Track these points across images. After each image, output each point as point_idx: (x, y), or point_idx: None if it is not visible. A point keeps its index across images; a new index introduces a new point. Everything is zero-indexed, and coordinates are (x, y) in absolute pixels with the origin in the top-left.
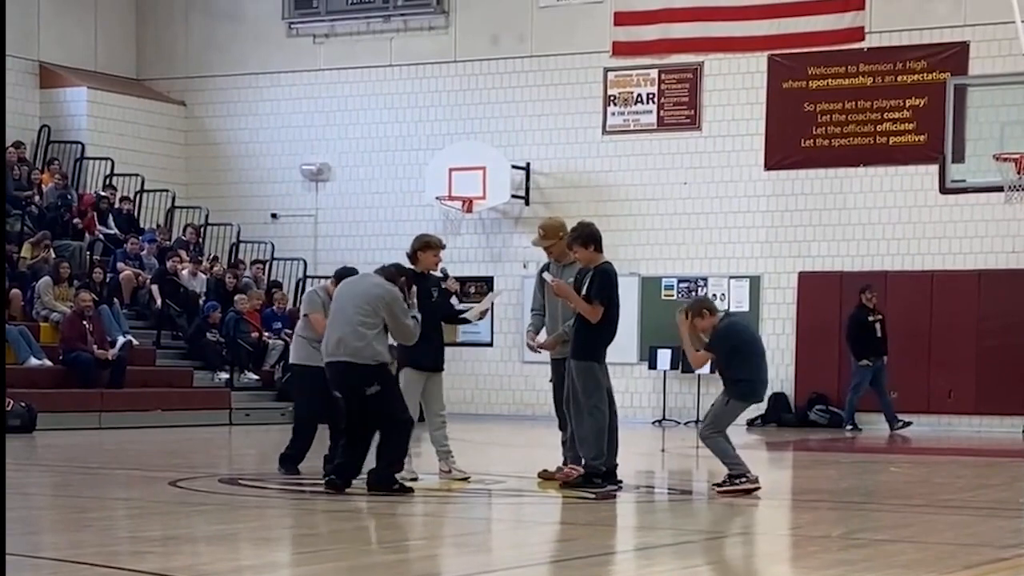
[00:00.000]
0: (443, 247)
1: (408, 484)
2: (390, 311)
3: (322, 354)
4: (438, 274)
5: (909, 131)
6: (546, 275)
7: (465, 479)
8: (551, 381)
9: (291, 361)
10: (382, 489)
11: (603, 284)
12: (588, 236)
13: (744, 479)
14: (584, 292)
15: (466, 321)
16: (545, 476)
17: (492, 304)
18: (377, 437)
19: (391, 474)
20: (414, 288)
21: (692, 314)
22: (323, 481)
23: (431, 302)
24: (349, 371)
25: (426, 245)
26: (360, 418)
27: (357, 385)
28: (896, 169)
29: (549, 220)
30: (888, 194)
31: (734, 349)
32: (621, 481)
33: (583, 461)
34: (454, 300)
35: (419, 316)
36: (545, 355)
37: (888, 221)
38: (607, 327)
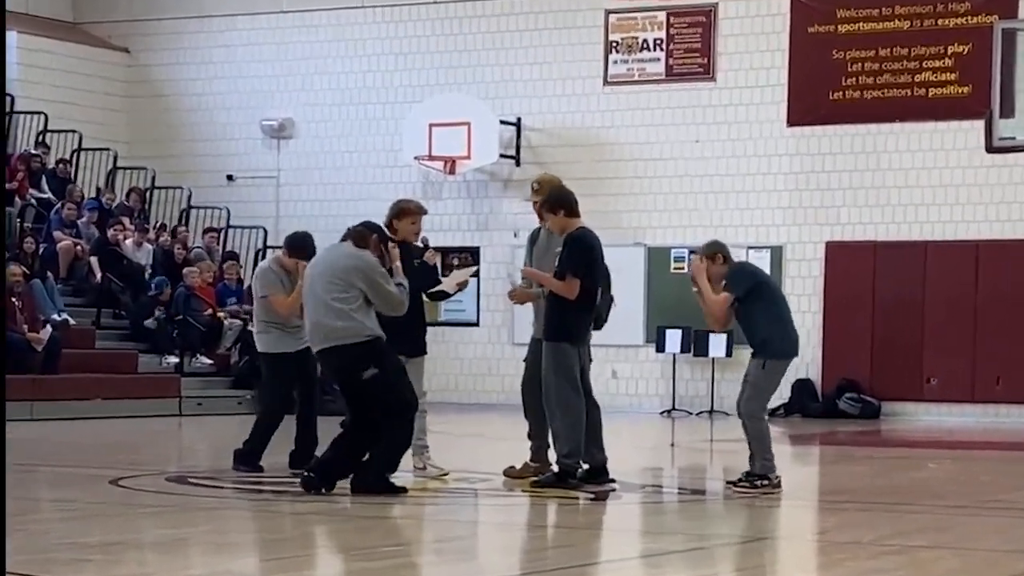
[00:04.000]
0: (423, 213)
1: (429, 477)
2: (367, 280)
3: (310, 343)
4: (419, 244)
5: (951, 82)
6: (522, 269)
7: (443, 475)
8: (524, 360)
9: (259, 350)
10: (365, 494)
11: (575, 254)
12: (555, 201)
13: (766, 482)
14: (556, 266)
15: (444, 295)
16: (512, 474)
17: (468, 279)
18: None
19: (384, 477)
20: (395, 250)
21: (705, 256)
22: (299, 479)
23: (410, 276)
24: (338, 357)
25: (402, 212)
26: (361, 410)
27: (351, 370)
28: (936, 125)
29: (548, 175)
30: (927, 153)
31: (755, 289)
32: (614, 479)
33: (556, 458)
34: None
35: (405, 283)
36: (527, 334)
37: (927, 184)
38: (584, 303)
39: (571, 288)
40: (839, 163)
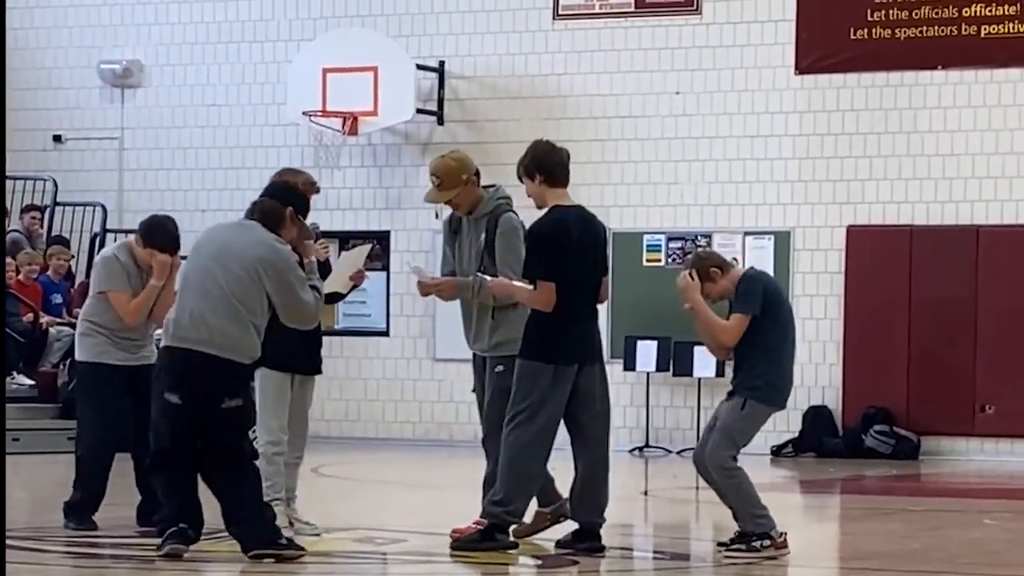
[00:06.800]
0: (314, 191)
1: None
2: (279, 281)
3: (164, 334)
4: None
5: (1011, 17)
6: (484, 278)
7: (315, 534)
8: (473, 391)
9: (77, 358)
10: (268, 548)
11: (533, 251)
12: (534, 162)
13: (767, 541)
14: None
15: (337, 297)
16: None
17: (362, 267)
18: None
19: (272, 523)
20: (312, 241)
21: (697, 277)
22: (168, 538)
23: None
24: (209, 370)
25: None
26: (191, 442)
27: (215, 393)
28: (992, 75)
29: (445, 159)
30: (980, 111)
31: (768, 309)
32: (604, 547)
33: (484, 505)
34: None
35: (320, 286)
36: (466, 352)
37: (980, 151)
38: (561, 310)
39: (545, 297)
40: (864, 123)
